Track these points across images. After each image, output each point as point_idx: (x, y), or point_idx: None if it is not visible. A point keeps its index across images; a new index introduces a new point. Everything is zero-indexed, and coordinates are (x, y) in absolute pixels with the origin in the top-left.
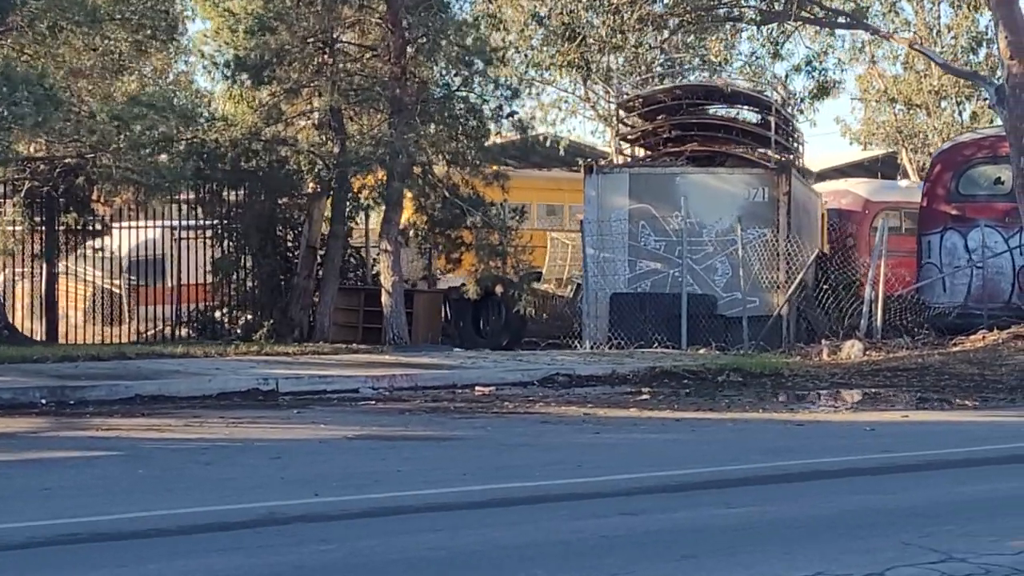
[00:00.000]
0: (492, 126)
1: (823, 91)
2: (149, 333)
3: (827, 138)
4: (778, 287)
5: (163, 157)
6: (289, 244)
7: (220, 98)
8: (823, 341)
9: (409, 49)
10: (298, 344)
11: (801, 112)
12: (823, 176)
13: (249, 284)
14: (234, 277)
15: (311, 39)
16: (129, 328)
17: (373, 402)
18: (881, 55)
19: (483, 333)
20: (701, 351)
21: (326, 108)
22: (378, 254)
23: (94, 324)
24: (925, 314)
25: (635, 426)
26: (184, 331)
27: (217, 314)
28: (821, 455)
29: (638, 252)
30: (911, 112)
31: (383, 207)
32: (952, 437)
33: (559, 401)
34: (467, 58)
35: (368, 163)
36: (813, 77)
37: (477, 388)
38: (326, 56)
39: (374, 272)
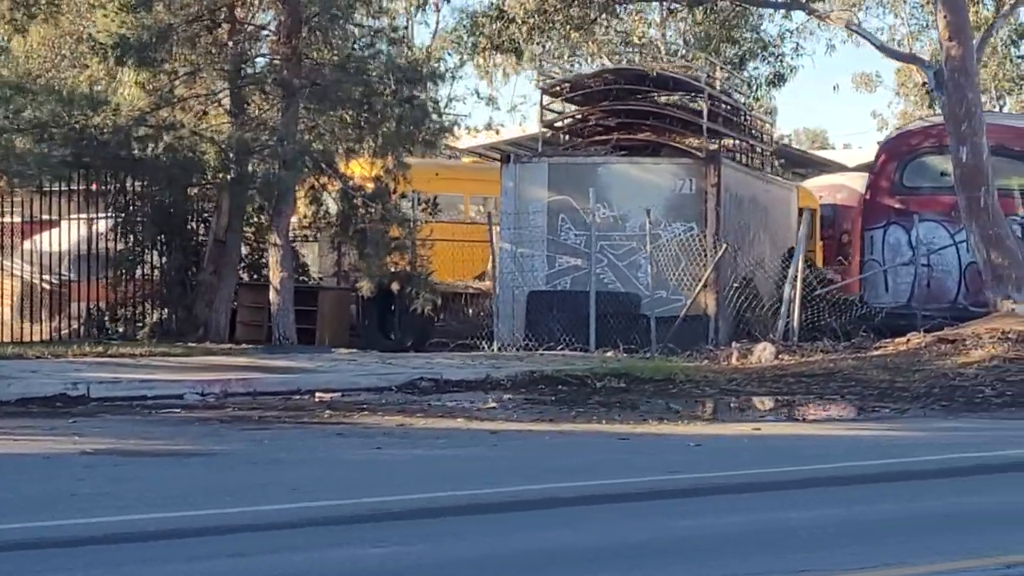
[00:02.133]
0: (398, 111)
1: (780, 78)
2: (63, 332)
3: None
4: (705, 286)
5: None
6: (201, 238)
7: (110, 82)
8: (734, 343)
9: (304, 29)
10: (184, 344)
11: (757, 100)
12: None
13: (157, 279)
14: (137, 273)
15: (198, 19)
16: (49, 326)
17: (179, 411)
18: (919, 48)
19: (387, 334)
20: (609, 354)
21: (225, 92)
22: (266, 248)
23: (31, 322)
24: (849, 315)
25: (437, 439)
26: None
27: (119, 311)
28: (590, 477)
29: (557, 247)
30: None
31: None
32: (783, 456)
33: (393, 410)
34: (364, 38)
35: (257, 150)
36: (769, 63)
37: (317, 394)
38: (224, 36)
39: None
